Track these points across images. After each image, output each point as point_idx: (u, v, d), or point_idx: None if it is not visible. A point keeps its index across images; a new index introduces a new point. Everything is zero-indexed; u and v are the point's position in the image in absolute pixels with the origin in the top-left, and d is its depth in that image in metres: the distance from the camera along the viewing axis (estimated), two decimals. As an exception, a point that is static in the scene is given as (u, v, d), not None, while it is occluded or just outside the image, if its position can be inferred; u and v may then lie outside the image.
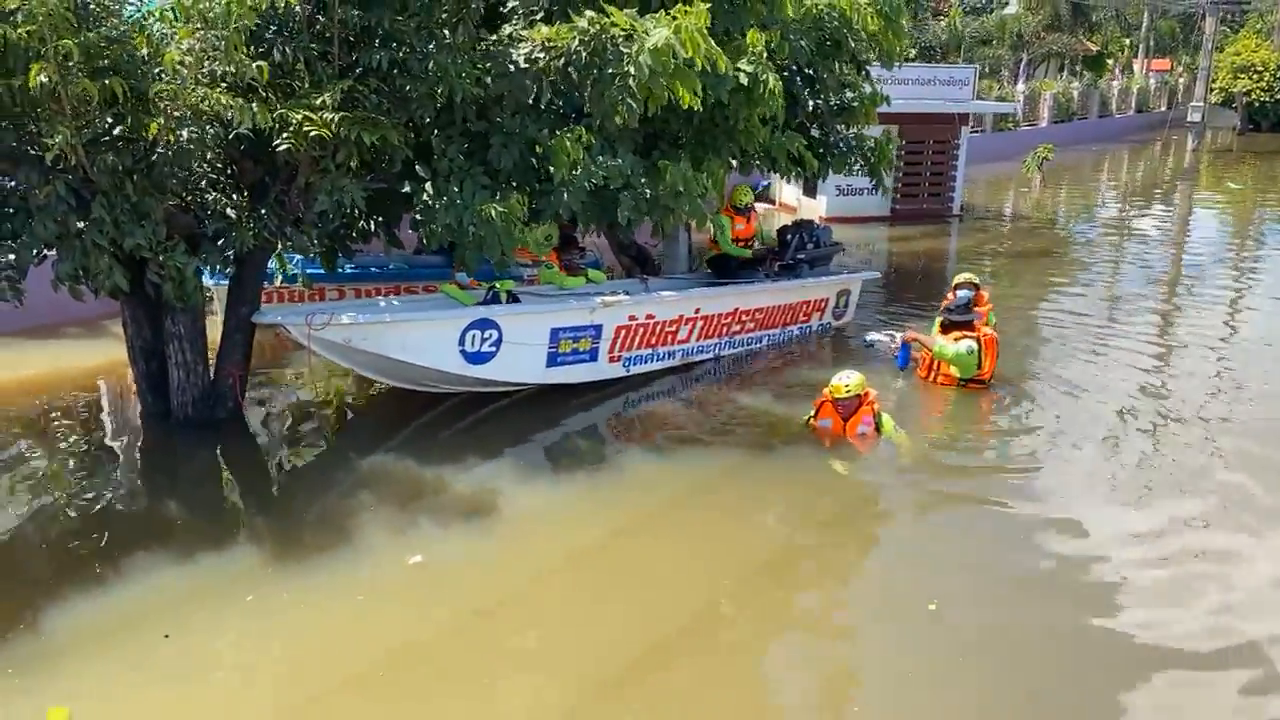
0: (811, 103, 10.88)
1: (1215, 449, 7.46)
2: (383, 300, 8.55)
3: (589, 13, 7.16)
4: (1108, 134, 36.47)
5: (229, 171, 6.88)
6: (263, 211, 6.87)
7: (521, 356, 7.72)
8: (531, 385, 8.07)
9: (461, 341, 7.41)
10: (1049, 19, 34.93)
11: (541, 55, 7.34)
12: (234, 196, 6.91)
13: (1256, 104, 39.29)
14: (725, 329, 9.29)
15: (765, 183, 19.43)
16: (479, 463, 7.01)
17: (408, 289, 9.98)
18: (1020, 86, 31.82)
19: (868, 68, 11.43)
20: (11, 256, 6.14)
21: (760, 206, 19.48)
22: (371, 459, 7.08)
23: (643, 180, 8.18)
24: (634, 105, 7.04)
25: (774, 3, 8.82)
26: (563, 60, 7.25)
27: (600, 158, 7.86)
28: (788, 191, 18.82)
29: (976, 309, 8.83)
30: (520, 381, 7.98)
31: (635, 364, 8.60)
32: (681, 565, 5.81)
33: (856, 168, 11.40)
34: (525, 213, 7.59)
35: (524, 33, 7.53)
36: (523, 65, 7.41)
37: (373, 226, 8.40)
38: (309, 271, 9.21)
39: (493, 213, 7.23)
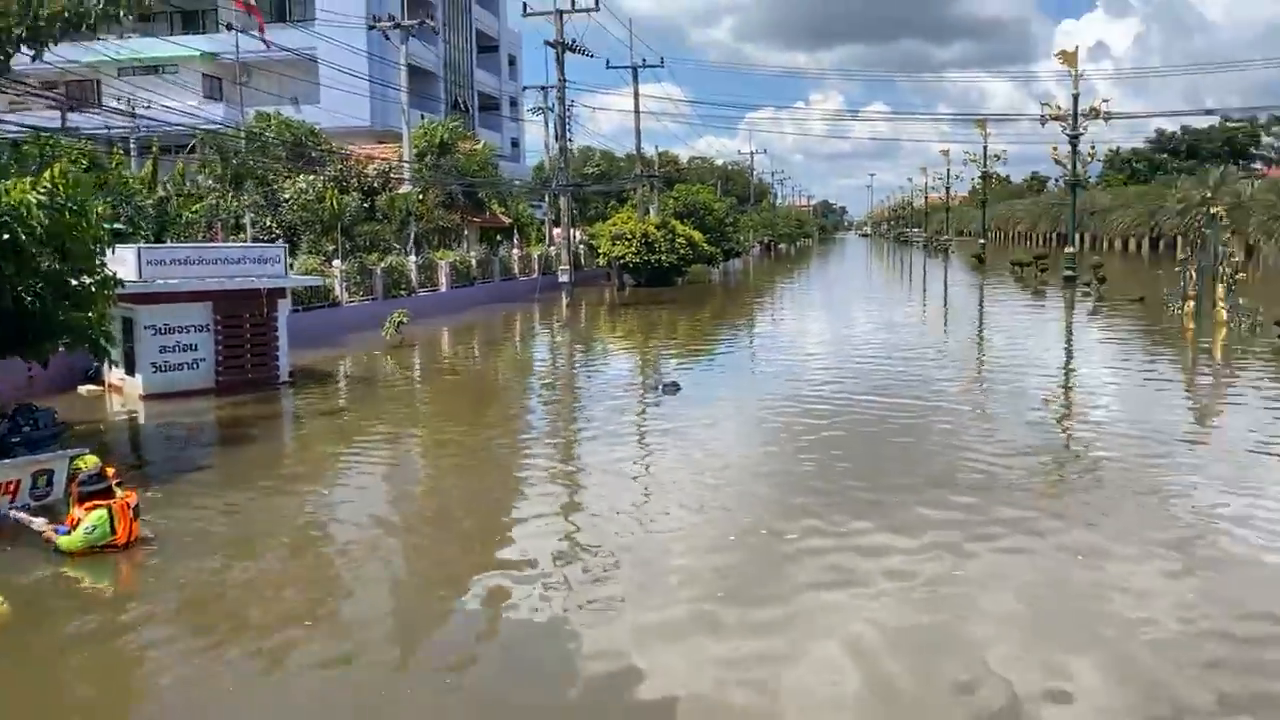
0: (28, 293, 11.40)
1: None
2: None
3: None
4: (507, 295, 41.14)
5: None
6: None
7: None
8: None
9: None
10: (443, 197, 39.06)
11: None
12: None
13: (630, 265, 46.76)
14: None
15: (95, 365, 19.27)
16: None
17: None
18: (414, 258, 34.98)
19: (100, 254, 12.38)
20: None
21: (85, 389, 19.31)
22: None
23: None
24: None
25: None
26: None
27: None
28: (115, 373, 18.82)
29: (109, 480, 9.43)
30: None
31: None
32: None
33: (67, 347, 12.09)
34: None
35: None
36: None
37: None
38: None
39: None
